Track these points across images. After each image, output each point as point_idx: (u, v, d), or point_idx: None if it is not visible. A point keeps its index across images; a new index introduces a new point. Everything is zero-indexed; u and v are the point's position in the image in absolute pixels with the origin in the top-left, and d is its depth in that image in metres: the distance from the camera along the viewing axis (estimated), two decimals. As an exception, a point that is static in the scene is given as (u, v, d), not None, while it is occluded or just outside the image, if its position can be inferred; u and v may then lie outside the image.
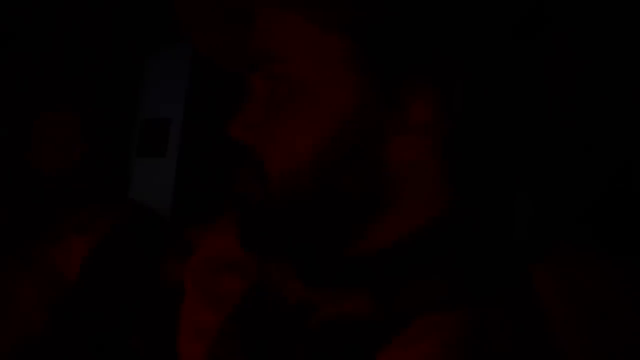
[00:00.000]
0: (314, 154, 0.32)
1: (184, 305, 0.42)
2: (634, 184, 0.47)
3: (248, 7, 0.36)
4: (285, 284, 0.37)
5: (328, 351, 0.33)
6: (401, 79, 0.32)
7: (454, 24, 0.32)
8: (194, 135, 1.51)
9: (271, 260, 0.38)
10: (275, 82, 0.34)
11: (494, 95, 0.34)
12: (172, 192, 1.52)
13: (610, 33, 0.45)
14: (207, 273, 0.42)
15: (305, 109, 0.33)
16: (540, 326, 0.31)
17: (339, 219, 0.34)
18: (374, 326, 0.32)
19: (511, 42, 0.34)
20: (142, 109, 1.70)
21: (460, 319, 0.31)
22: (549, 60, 0.37)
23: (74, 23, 0.98)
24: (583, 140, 0.46)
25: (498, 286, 0.32)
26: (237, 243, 0.36)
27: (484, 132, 0.34)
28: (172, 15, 0.39)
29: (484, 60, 0.32)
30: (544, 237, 0.35)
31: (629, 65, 0.46)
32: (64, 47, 0.91)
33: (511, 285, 0.32)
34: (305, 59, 0.33)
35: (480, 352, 0.30)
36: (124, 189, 1.56)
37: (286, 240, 0.35)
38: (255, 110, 0.35)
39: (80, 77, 0.89)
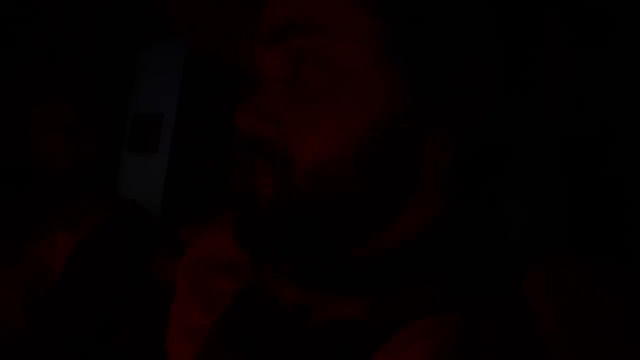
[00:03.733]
0: (355, 144, 0.30)
1: (174, 305, 0.42)
2: (627, 189, 0.47)
3: None
4: (280, 286, 0.36)
5: (322, 353, 0.33)
6: (434, 75, 0.31)
7: (484, 27, 0.31)
8: (187, 131, 1.50)
9: (268, 261, 0.36)
10: (303, 60, 0.30)
11: (497, 100, 0.33)
12: (163, 189, 1.51)
13: (607, 40, 0.46)
14: (200, 273, 0.42)
15: (344, 95, 0.30)
16: (532, 331, 0.30)
17: (357, 217, 0.32)
18: (368, 329, 0.32)
19: (510, 47, 0.34)
20: (134, 104, 1.69)
21: (454, 323, 0.31)
22: (544, 64, 0.37)
23: (66, 15, 0.97)
24: (578, 143, 0.46)
25: (491, 290, 0.32)
26: (232, 243, 0.35)
27: (484, 136, 0.34)
28: (166, 9, 0.38)
29: (492, 65, 0.32)
30: (537, 242, 0.35)
31: (625, 70, 0.47)
32: (57, 41, 0.90)
33: (504, 289, 0.32)
34: (344, 37, 0.30)
35: (473, 356, 0.30)
36: (113, 185, 1.55)
37: (283, 243, 0.33)
38: (272, 95, 0.32)
39: (72, 70, 0.88)
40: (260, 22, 0.33)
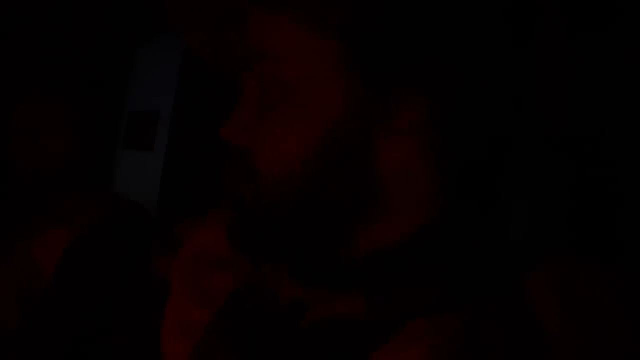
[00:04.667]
0: (304, 155, 0.33)
1: (169, 302, 0.41)
2: (627, 190, 0.47)
3: (240, 9, 0.36)
4: (277, 282, 0.36)
5: (319, 351, 0.33)
6: (392, 81, 0.32)
7: (443, 27, 0.31)
8: (183, 129, 1.49)
9: (264, 260, 0.38)
10: (266, 83, 0.34)
11: (488, 98, 0.33)
12: (159, 187, 1.51)
13: (605, 34, 0.46)
14: (195, 269, 0.42)
15: (296, 110, 0.33)
16: (532, 332, 0.30)
17: (329, 221, 0.34)
18: (366, 328, 0.32)
19: (504, 43, 0.33)
20: (130, 101, 1.69)
21: (453, 323, 0.31)
22: (542, 63, 0.37)
23: (61, 10, 0.96)
24: (579, 144, 0.46)
25: (490, 291, 0.32)
26: (229, 242, 0.36)
27: (477, 136, 0.34)
28: (164, 6, 0.38)
29: (477, 62, 0.32)
30: (538, 242, 0.35)
31: (624, 69, 0.47)
32: (51, 36, 0.89)
33: (504, 290, 0.32)
34: (295, 61, 0.33)
35: (473, 356, 0.30)
36: (108, 182, 1.54)
37: (276, 241, 0.35)
38: (246, 111, 0.36)
39: (66, 66, 0.87)
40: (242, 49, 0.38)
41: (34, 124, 0.82)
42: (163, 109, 1.55)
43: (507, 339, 0.30)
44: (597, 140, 0.48)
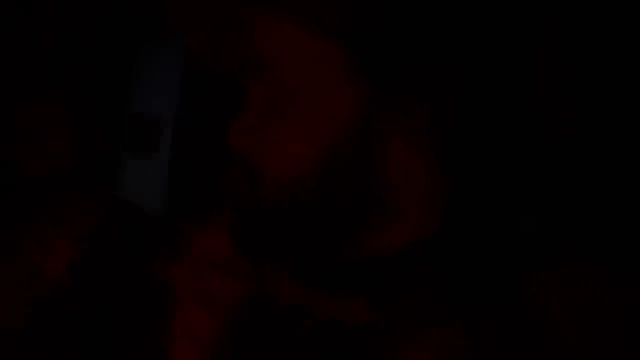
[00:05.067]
0: (311, 157, 0.33)
1: (175, 307, 0.42)
2: (628, 190, 0.47)
3: (243, 15, 0.36)
4: (281, 286, 0.37)
5: (321, 352, 0.33)
6: (395, 83, 0.33)
7: (442, 29, 0.32)
8: (187, 130, 1.50)
9: (266, 262, 0.38)
10: (270, 87, 0.35)
11: (493, 101, 0.33)
12: (163, 190, 1.51)
13: (603, 34, 0.46)
14: (200, 274, 0.42)
15: (302, 112, 0.34)
16: (533, 332, 0.30)
17: (333, 222, 0.34)
18: (370, 330, 0.32)
19: (504, 44, 0.33)
20: (132, 103, 1.69)
21: (456, 323, 0.31)
22: (542, 63, 0.37)
23: (61, 11, 0.97)
24: (583, 147, 0.46)
25: (491, 291, 0.32)
26: (231, 244, 0.36)
27: (483, 139, 0.34)
28: (167, 7, 0.38)
29: (481, 66, 0.32)
30: (540, 243, 0.35)
31: (625, 70, 0.47)
32: (51, 36, 0.90)
33: (505, 290, 0.32)
34: (301, 65, 0.34)
35: (475, 356, 0.30)
36: (111, 186, 1.54)
37: (277, 242, 0.36)
38: (251, 116, 0.37)
39: (67, 66, 0.88)
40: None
41: (34, 124, 0.82)
42: (166, 112, 1.56)
43: (509, 339, 0.30)
44: (598, 140, 0.48)
